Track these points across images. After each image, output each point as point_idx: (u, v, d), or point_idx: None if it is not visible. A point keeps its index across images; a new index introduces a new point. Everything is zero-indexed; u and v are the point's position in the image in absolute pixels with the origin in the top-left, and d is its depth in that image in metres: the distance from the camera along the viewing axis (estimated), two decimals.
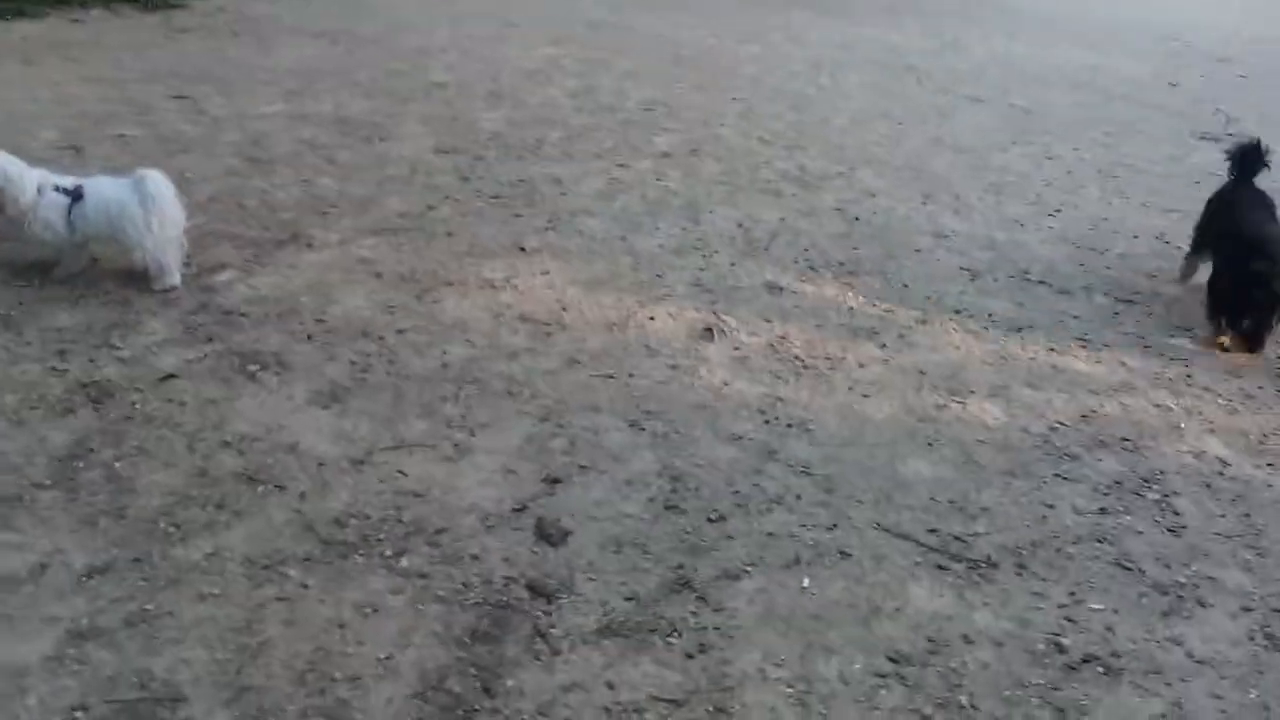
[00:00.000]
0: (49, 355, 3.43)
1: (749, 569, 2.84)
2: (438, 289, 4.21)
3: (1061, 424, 3.76)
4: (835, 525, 3.06)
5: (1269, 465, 3.65)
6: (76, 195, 3.75)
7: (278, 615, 2.49)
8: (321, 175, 5.25)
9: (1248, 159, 4.94)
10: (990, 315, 4.58)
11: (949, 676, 2.54)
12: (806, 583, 2.82)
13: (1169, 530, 3.23)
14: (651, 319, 4.18)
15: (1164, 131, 8.38)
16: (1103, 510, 3.28)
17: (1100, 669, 2.63)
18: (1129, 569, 3.02)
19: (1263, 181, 5.01)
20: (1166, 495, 3.40)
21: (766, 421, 3.56)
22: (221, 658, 2.35)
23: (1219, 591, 2.96)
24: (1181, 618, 2.85)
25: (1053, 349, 4.34)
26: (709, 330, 4.13)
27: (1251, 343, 4.34)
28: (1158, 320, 4.74)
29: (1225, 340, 4.41)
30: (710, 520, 3.02)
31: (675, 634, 2.58)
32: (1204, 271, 4.87)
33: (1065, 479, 3.43)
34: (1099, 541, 3.13)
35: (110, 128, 5.58)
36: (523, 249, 4.68)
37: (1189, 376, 4.23)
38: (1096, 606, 2.85)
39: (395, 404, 3.40)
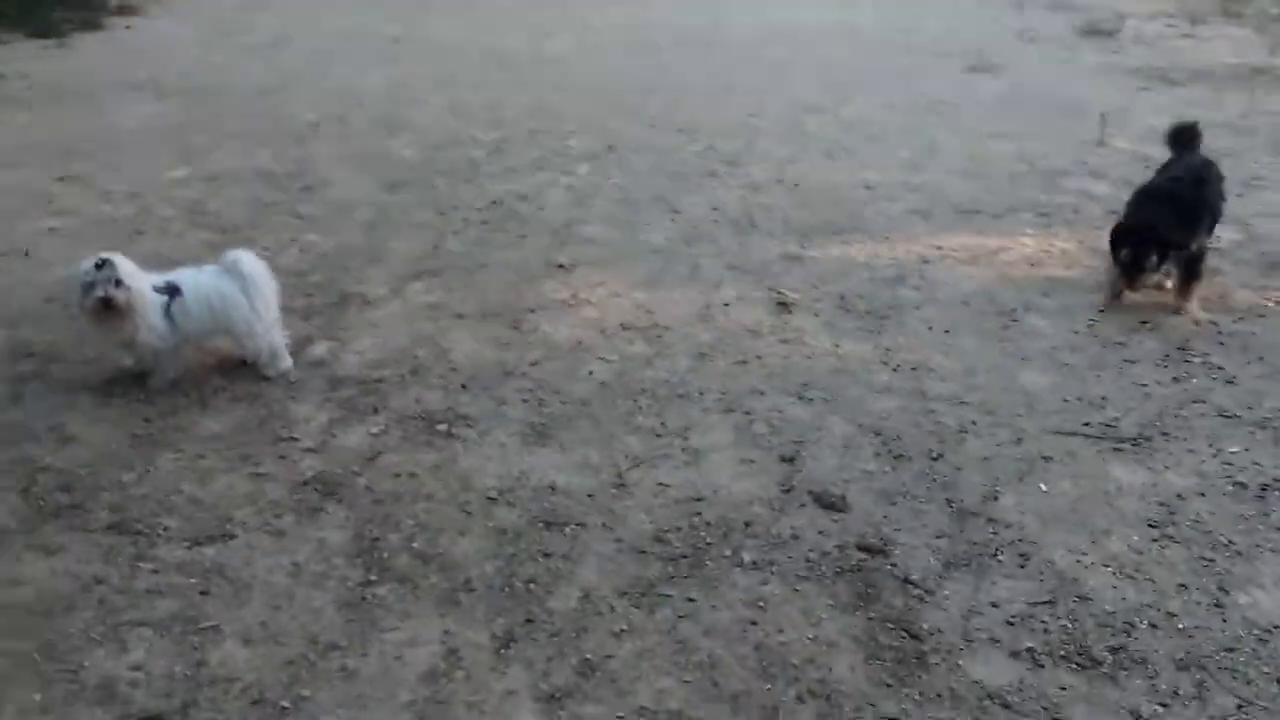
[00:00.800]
0: (236, 463, 3.26)
1: (997, 489, 3.24)
2: (525, 318, 4.27)
3: (1093, 320, 4.41)
4: (1020, 440, 3.52)
5: (1240, 319, 4.43)
6: (173, 291, 3.51)
7: (696, 631, 2.63)
8: (304, 233, 5.07)
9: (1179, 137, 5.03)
10: (966, 247, 5.19)
11: (1198, 528, 3.06)
12: (1044, 487, 3.26)
13: (1228, 382, 3.90)
14: (727, 305, 4.45)
15: (940, 68, 9.39)
16: (1175, 379, 3.93)
17: (1277, 493, 3.24)
18: (1230, 416, 3.67)
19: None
20: (1204, 357, 4.09)
21: (894, 370, 3.96)
22: (690, 679, 2.48)
23: None
24: None
25: (1032, 265, 5.00)
26: (783, 305, 4.47)
27: (1128, 276, 4.55)
28: (1078, 223, 5.53)
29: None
30: (933, 459, 3.39)
31: (999, 552, 2.95)
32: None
33: (1132, 362, 4.06)
34: (1195, 402, 3.76)
35: (28, 223, 5.09)
36: (561, 266, 4.79)
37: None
38: (1234, 449, 3.47)
39: (596, 428, 3.52)
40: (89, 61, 8.56)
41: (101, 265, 3.35)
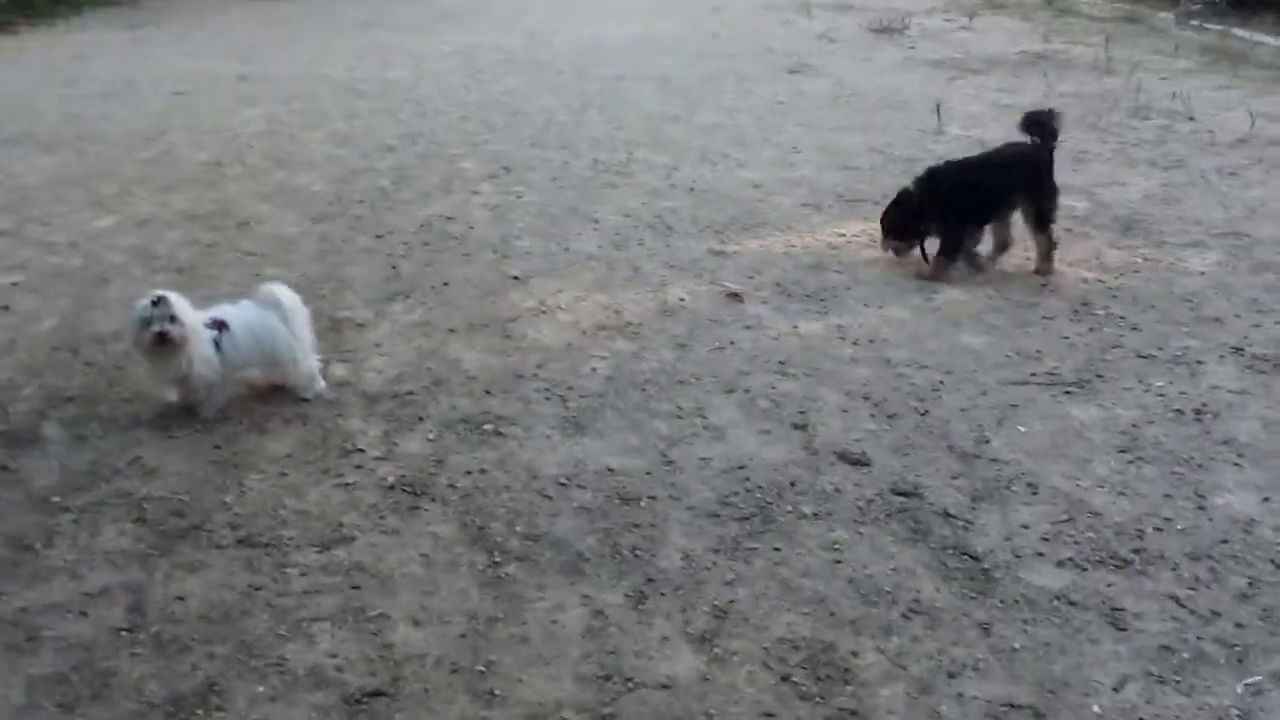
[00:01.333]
0: (319, 476, 3.42)
1: (985, 434, 3.76)
2: (510, 327, 4.51)
3: (1000, 287, 5.07)
4: (984, 392, 4.06)
5: (1120, 276, 5.18)
6: (221, 325, 3.65)
7: (794, 574, 2.99)
8: (261, 267, 5.12)
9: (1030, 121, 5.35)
10: (865, 232, 5.76)
11: (1160, 449, 3.63)
12: (1022, 429, 3.80)
13: (1133, 329, 4.58)
14: (682, 300, 4.83)
15: (763, 73, 10.06)
16: (1091, 329, 4.58)
17: (1210, 415, 3.88)
18: (1147, 357, 4.31)
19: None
20: (1105, 310, 4.76)
21: (854, 343, 4.45)
22: (809, 611, 2.85)
23: (1199, 353, 4.34)
24: (1202, 375, 4.16)
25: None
26: (734, 295, 4.89)
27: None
28: None
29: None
30: (921, 415, 3.89)
31: (1011, 484, 3.45)
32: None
33: (1050, 319, 4.70)
34: (1114, 348, 4.40)
35: None
36: (515, 277, 5.04)
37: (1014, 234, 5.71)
38: (1159, 383, 4.12)
39: (622, 416, 3.82)
40: None
41: (158, 302, 3.51)
